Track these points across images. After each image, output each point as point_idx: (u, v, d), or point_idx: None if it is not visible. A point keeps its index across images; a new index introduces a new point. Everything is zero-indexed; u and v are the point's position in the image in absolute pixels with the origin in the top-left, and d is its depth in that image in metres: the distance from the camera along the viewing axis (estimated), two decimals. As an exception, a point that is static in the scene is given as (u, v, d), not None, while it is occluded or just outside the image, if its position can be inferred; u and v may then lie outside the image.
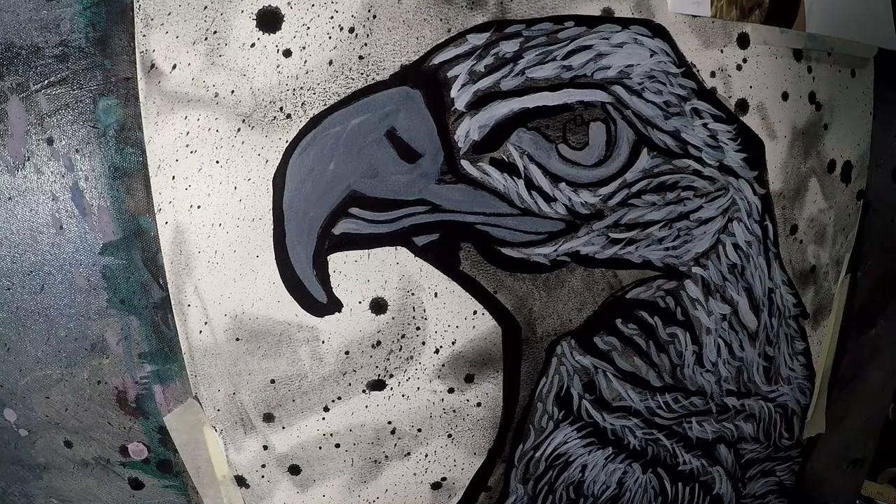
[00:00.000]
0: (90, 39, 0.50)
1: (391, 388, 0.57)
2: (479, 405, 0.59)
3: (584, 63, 0.53)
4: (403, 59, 0.52)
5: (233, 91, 0.51)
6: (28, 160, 0.52)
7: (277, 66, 0.51)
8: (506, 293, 0.57)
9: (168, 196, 0.52)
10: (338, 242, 0.53)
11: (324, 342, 0.55)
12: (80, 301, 0.54)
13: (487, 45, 0.52)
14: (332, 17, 0.51)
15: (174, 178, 0.52)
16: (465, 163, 0.53)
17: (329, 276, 0.54)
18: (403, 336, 0.56)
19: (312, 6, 0.51)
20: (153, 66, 0.50)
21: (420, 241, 0.54)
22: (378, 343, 0.56)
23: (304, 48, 0.51)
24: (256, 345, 0.55)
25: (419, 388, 0.57)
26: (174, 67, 0.50)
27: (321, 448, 0.58)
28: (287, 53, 0.51)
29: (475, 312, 0.56)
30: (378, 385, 0.57)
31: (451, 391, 0.58)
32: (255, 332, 0.54)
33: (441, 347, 0.57)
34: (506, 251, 0.55)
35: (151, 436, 0.57)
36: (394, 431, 0.58)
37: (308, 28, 0.51)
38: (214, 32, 0.50)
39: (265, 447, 0.58)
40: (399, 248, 0.54)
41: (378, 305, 0.55)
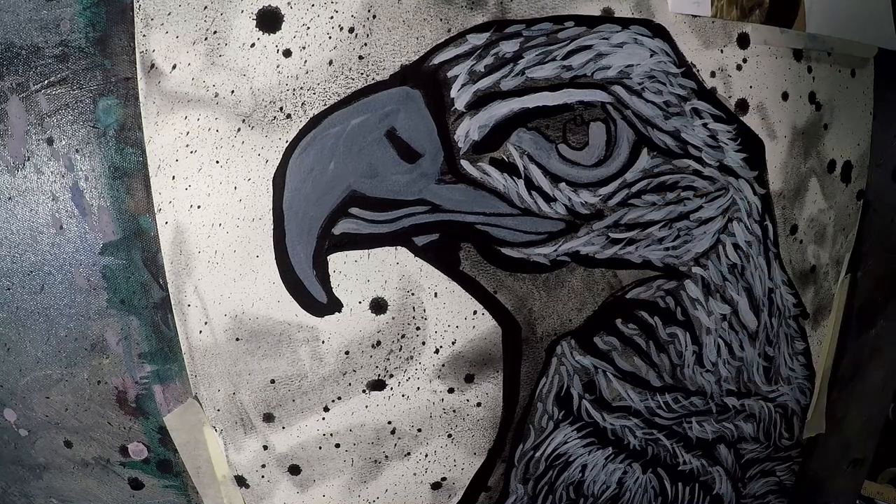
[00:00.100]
0: (90, 39, 0.50)
1: (391, 388, 0.57)
2: (479, 405, 0.59)
3: (584, 63, 0.53)
4: (403, 59, 0.52)
5: (233, 91, 0.51)
6: (28, 160, 0.52)
7: (277, 66, 0.51)
8: (506, 293, 0.57)
9: (168, 196, 0.52)
10: (338, 242, 0.53)
11: (324, 342, 0.55)
12: (80, 301, 0.54)
13: (487, 45, 0.52)
14: (332, 17, 0.51)
15: (174, 178, 0.52)
16: (465, 163, 0.53)
17: (329, 276, 0.54)
18: (403, 336, 0.56)
19: (312, 6, 0.51)
20: (153, 66, 0.50)
21: (420, 241, 0.54)
22: (378, 343, 0.56)
23: (304, 48, 0.51)
24: (256, 345, 0.55)
25: (419, 388, 0.57)
26: (174, 67, 0.50)
27: (321, 448, 0.58)
28: (287, 53, 0.51)
29: (475, 312, 0.56)
30: (378, 385, 0.57)
31: (451, 391, 0.58)
32: (255, 332, 0.54)
33: (441, 347, 0.57)
34: (506, 251, 0.55)
35: (151, 436, 0.57)
36: (394, 431, 0.58)
37: (308, 28, 0.51)
38: (214, 32, 0.50)
39: (265, 447, 0.58)
40: (399, 248, 0.54)
41: (378, 305, 0.55)
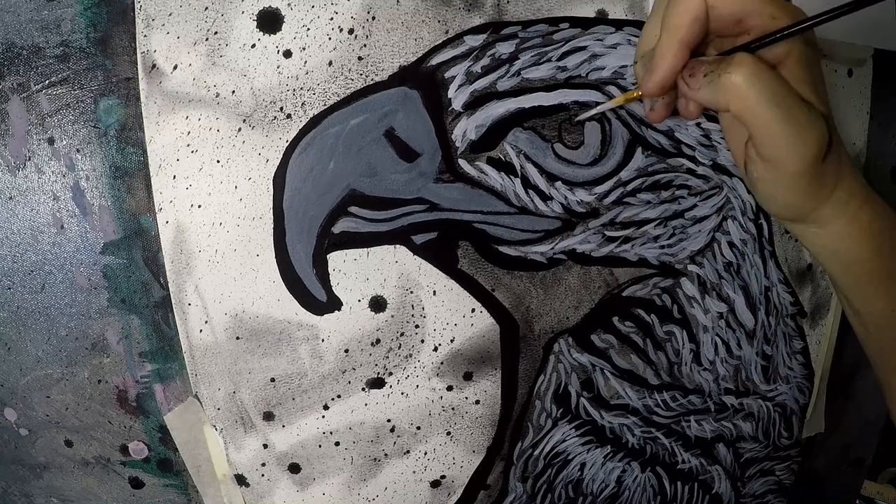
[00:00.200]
0: (91, 40, 0.51)
1: (390, 386, 0.57)
2: (478, 403, 0.59)
3: (579, 64, 0.54)
4: (402, 60, 0.52)
5: (233, 91, 0.51)
6: (29, 160, 0.52)
7: (278, 67, 0.51)
8: (503, 291, 0.57)
9: (169, 195, 0.52)
10: (337, 241, 0.53)
11: (323, 340, 0.55)
12: (81, 300, 0.54)
13: (484, 47, 0.53)
14: (332, 19, 0.51)
15: (175, 178, 0.52)
16: (463, 162, 0.53)
17: (329, 275, 0.54)
18: (402, 334, 0.56)
19: (312, 7, 0.51)
20: (154, 67, 0.51)
21: (418, 240, 0.54)
22: (377, 341, 0.56)
23: (304, 49, 0.51)
24: (256, 343, 0.55)
25: (418, 386, 0.58)
26: (175, 68, 0.51)
27: (321, 446, 0.58)
28: (287, 54, 0.51)
29: (473, 310, 0.57)
30: (377, 383, 0.57)
31: (450, 389, 0.58)
32: (256, 331, 0.55)
33: (440, 345, 0.57)
34: (503, 249, 0.56)
35: (152, 435, 0.57)
36: (393, 429, 0.58)
37: (308, 29, 0.51)
38: (215, 33, 0.51)
39: (265, 446, 0.58)
40: (398, 247, 0.54)
41: (377, 304, 0.55)
